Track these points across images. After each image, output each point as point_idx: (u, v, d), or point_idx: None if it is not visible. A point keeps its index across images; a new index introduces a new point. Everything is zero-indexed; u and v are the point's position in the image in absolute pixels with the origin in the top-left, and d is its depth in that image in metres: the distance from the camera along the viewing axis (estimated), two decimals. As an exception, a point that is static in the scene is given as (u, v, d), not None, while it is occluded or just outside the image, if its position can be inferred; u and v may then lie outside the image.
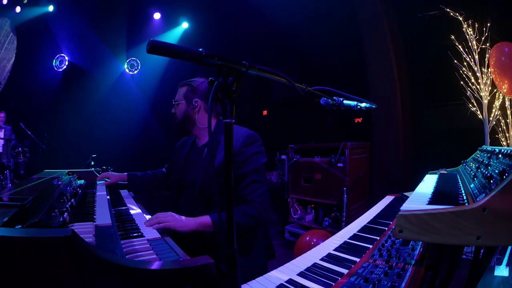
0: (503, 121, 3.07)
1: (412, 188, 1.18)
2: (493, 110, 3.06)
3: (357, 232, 1.14)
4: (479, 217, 0.62)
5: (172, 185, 1.71)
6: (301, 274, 0.80)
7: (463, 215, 0.63)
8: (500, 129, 3.07)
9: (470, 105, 3.11)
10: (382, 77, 3.89)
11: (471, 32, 3.07)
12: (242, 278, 0.67)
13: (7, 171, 4.99)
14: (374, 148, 3.96)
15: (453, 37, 3.14)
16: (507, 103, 3.04)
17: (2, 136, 5.51)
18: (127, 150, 6.13)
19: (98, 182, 2.05)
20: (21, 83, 6.47)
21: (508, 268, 2.40)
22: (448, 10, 3.16)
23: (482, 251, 0.90)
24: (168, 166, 1.94)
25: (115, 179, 1.99)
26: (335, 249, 0.97)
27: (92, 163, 4.68)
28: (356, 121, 4.49)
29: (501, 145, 3.06)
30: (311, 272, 0.81)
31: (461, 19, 3.10)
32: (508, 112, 3.05)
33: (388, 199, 1.66)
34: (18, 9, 6.29)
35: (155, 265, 0.61)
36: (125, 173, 2.01)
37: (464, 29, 3.10)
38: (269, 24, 4.78)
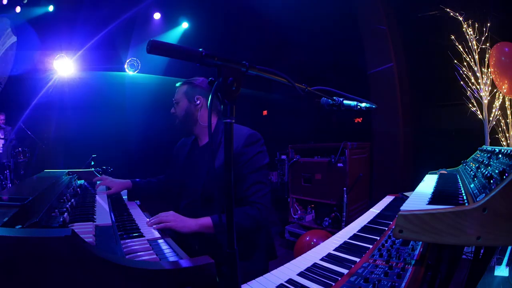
0: (503, 121, 3.07)
1: (412, 188, 1.18)
2: (493, 110, 3.06)
3: (357, 232, 1.14)
4: (479, 217, 0.62)
5: (172, 187, 1.68)
6: (301, 274, 0.80)
7: (463, 215, 0.63)
8: (500, 129, 3.07)
9: (470, 105, 3.11)
10: (382, 77, 3.89)
11: (471, 32, 3.07)
12: (243, 279, 0.66)
13: (7, 171, 4.99)
14: (374, 148, 3.95)
15: (453, 37, 3.14)
16: (507, 103, 3.04)
17: (2, 137, 5.51)
18: (127, 150, 6.13)
19: (98, 189, 1.88)
20: (21, 83, 6.47)
21: (508, 268, 2.40)
22: (448, 10, 3.16)
23: (482, 251, 0.90)
24: (168, 173, 1.83)
25: (118, 189, 1.79)
26: (335, 249, 0.97)
27: (92, 163, 4.67)
28: (356, 121, 4.49)
29: (501, 145, 3.06)
30: (311, 272, 0.81)
31: (461, 19, 3.10)
32: (508, 112, 3.05)
33: (388, 199, 1.65)
34: (18, 9, 6.29)
35: (155, 265, 0.61)
36: (128, 180, 1.83)
37: (464, 29, 3.10)
38: (269, 24, 4.78)
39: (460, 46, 3.12)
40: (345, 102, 1.11)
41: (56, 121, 6.32)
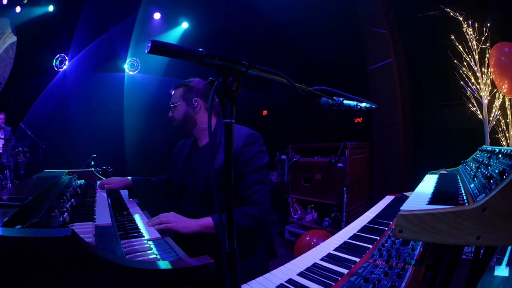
0: (503, 121, 3.07)
1: (412, 188, 1.18)
2: (493, 110, 3.06)
3: (357, 232, 1.14)
4: (479, 217, 0.62)
5: (172, 187, 1.68)
6: (301, 274, 0.80)
7: (463, 215, 0.63)
8: (500, 129, 3.07)
9: (470, 105, 3.11)
10: (382, 77, 3.89)
11: (471, 32, 3.07)
12: (243, 279, 0.66)
13: (7, 171, 4.99)
14: (374, 148, 3.95)
15: (453, 37, 3.14)
16: (507, 103, 3.04)
17: (2, 136, 5.51)
18: (127, 150, 6.13)
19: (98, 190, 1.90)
20: (21, 83, 6.47)
21: (508, 268, 2.40)
22: (448, 10, 3.17)
23: (482, 251, 0.90)
24: (169, 173, 1.86)
25: (117, 185, 1.83)
26: (335, 249, 0.97)
27: (92, 163, 4.67)
28: (356, 121, 4.49)
29: (501, 145, 3.06)
30: (311, 272, 0.81)
31: (461, 19, 3.10)
32: (508, 112, 3.05)
33: (388, 199, 1.65)
34: (18, 9, 6.29)
35: (155, 265, 0.61)
36: (128, 178, 1.85)
37: (464, 29, 3.10)
38: (269, 24, 4.78)
39: (460, 46, 3.12)
40: (345, 102, 1.11)
41: (56, 121, 6.32)
